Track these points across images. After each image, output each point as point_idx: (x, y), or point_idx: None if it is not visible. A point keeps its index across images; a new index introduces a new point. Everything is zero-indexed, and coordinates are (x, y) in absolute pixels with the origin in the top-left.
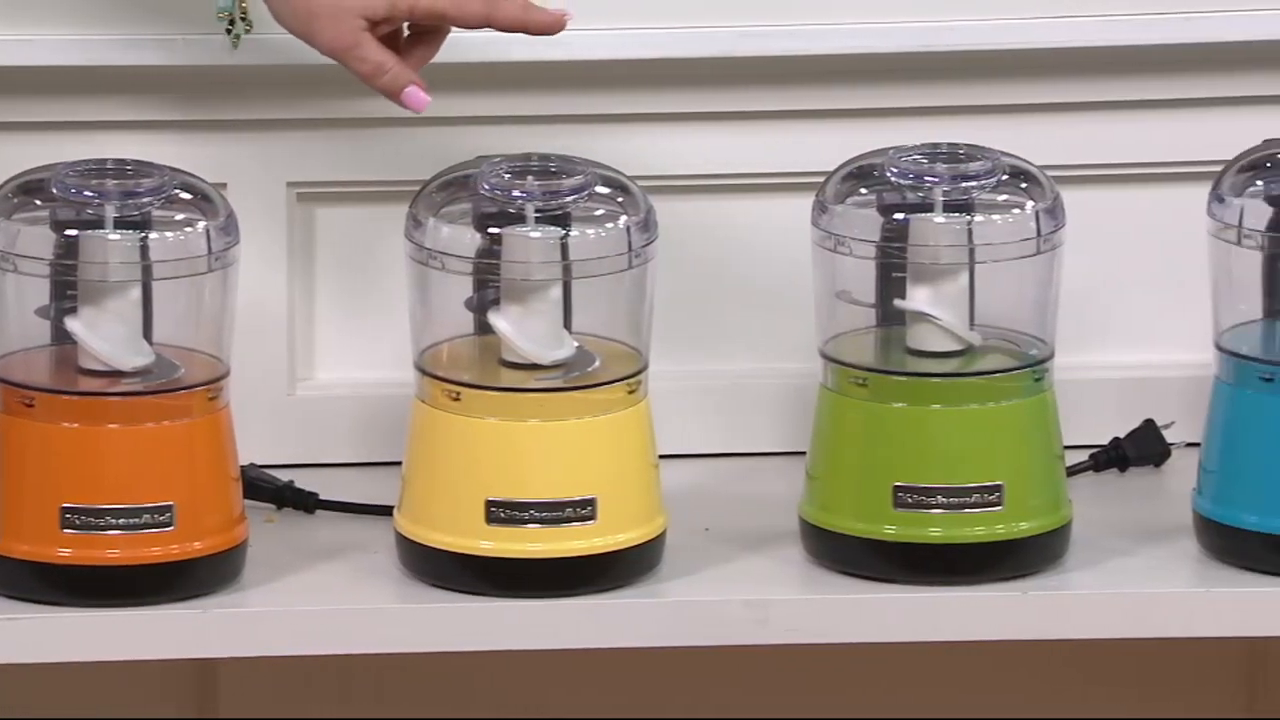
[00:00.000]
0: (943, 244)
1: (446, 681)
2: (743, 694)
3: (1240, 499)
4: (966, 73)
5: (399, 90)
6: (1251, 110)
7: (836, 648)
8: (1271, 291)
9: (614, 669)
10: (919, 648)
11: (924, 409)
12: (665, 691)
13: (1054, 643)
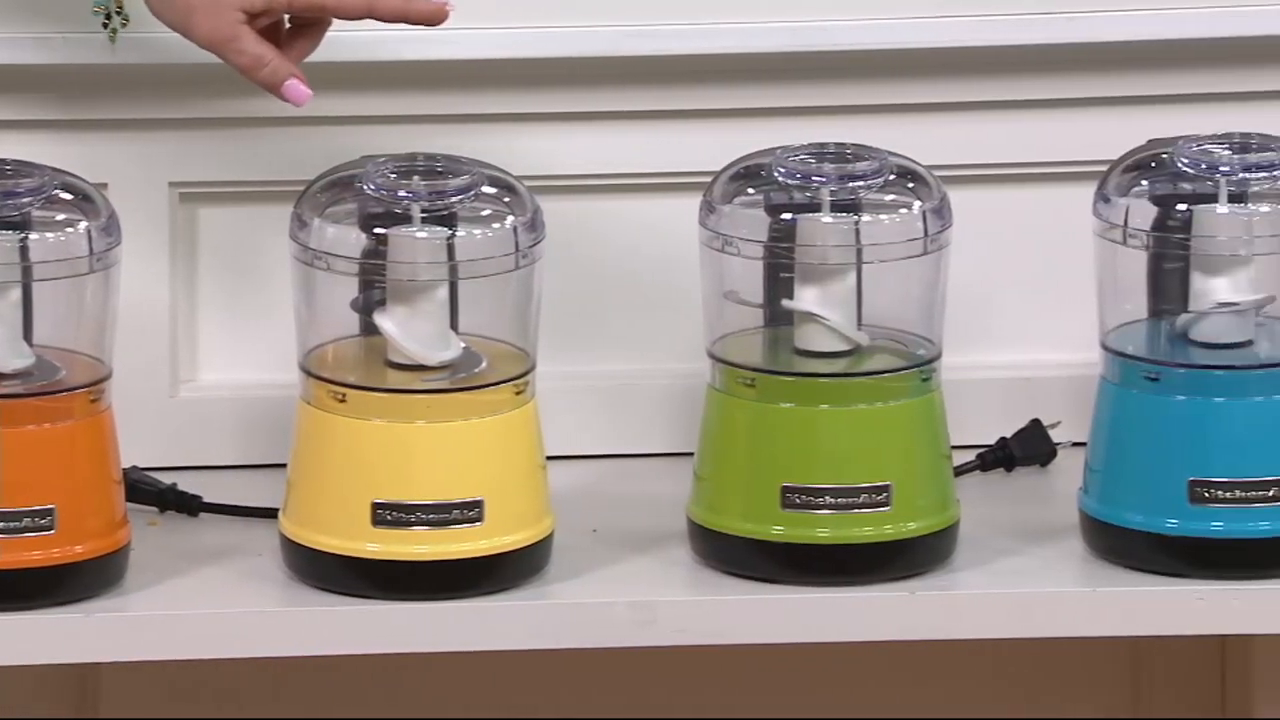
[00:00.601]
0: (830, 244)
1: (332, 682)
2: (629, 695)
3: (1126, 498)
4: (853, 72)
5: (279, 84)
6: (1136, 110)
7: (725, 649)
8: (1156, 291)
9: (503, 670)
10: (807, 648)
11: (812, 409)
12: (553, 692)
13: (942, 643)
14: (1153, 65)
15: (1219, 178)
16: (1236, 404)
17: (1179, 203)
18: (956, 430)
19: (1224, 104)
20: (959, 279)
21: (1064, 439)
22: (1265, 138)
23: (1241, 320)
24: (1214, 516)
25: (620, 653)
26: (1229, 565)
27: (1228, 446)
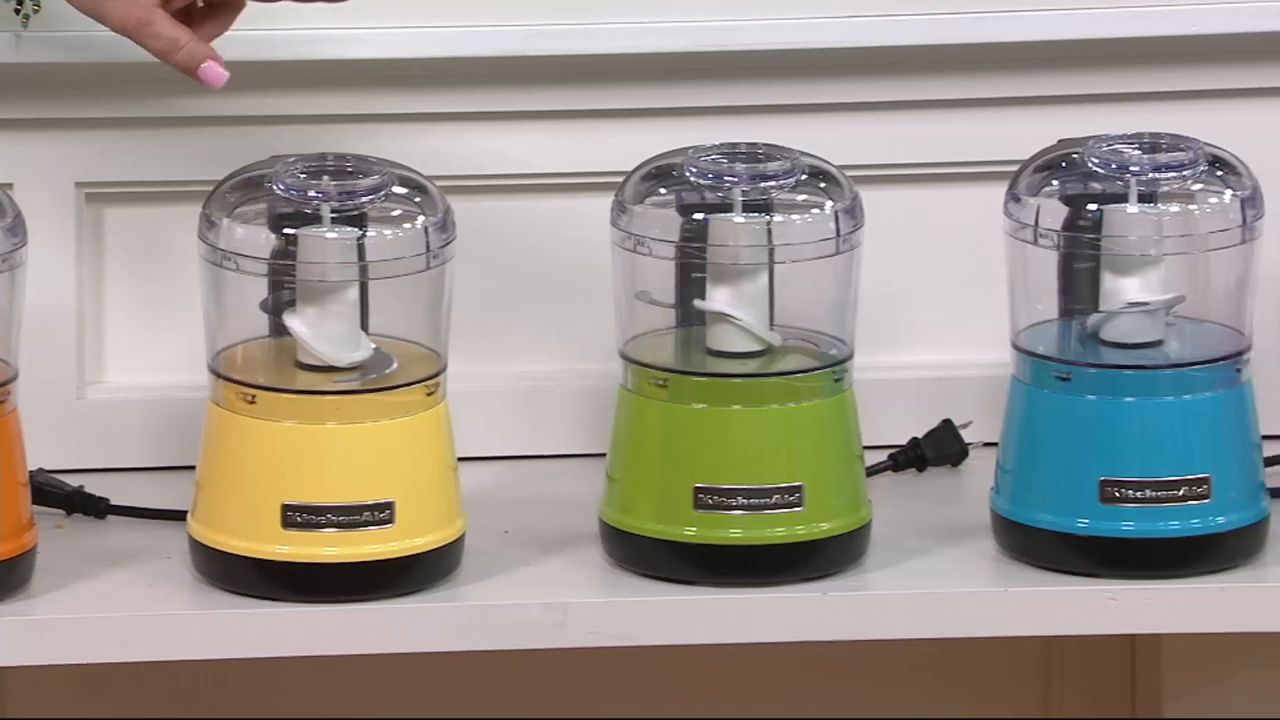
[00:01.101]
0: (742, 244)
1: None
2: (542, 695)
3: (1037, 498)
4: (765, 72)
5: (195, 66)
6: (1046, 110)
7: (638, 650)
8: (1067, 291)
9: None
10: (720, 649)
11: (724, 409)
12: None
13: (854, 643)
14: (1063, 65)
15: (1129, 178)
16: (1147, 404)
17: (1089, 202)
18: (869, 430)
19: (1134, 104)
20: (871, 279)
21: (975, 439)
22: (1175, 138)
23: (1152, 320)
24: (1124, 516)
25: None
26: (1139, 565)
27: (1138, 446)
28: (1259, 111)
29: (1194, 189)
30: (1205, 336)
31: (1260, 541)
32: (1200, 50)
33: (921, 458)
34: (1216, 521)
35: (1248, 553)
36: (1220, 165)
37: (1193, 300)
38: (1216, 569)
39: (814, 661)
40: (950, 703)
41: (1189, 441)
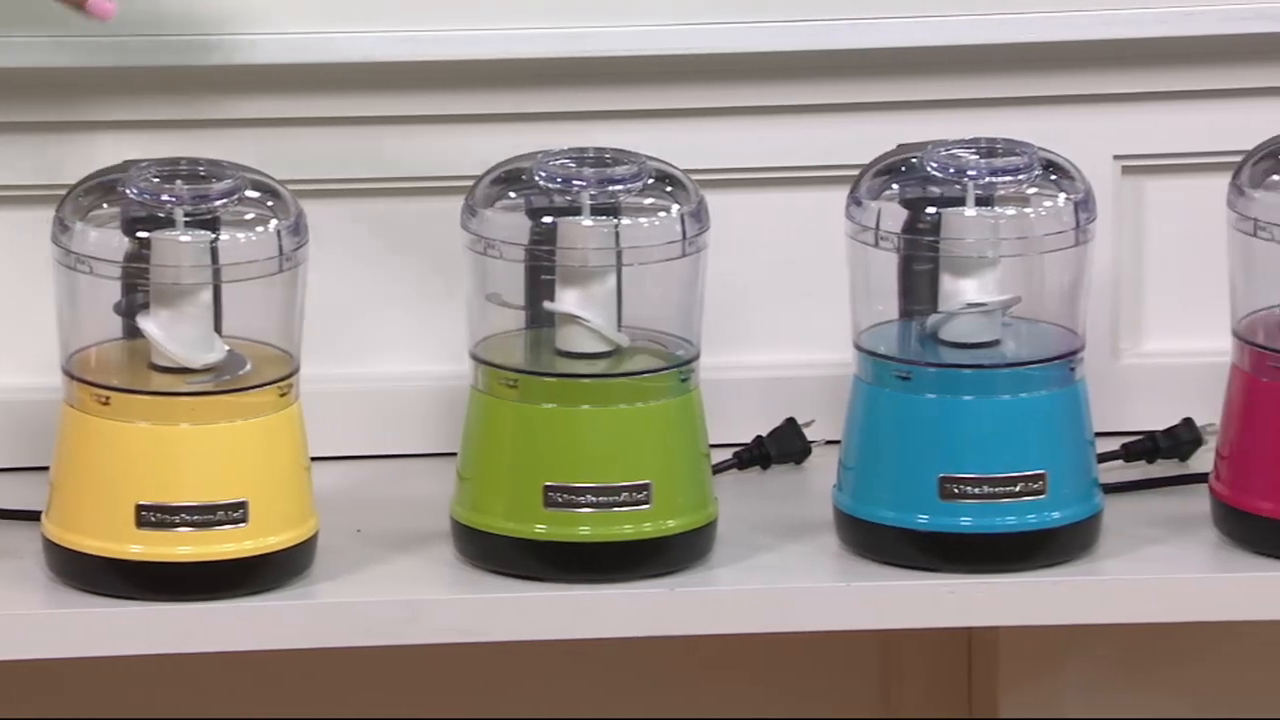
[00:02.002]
0: (590, 247)
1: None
2: (396, 693)
3: (878, 495)
4: (612, 78)
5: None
6: (887, 115)
7: (490, 646)
8: (907, 292)
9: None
10: (571, 644)
11: (573, 409)
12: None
13: (700, 638)
14: (904, 71)
15: (967, 181)
16: (984, 402)
17: (928, 206)
18: (714, 429)
19: (972, 110)
20: (717, 281)
21: (818, 437)
22: (1011, 142)
23: (989, 320)
24: (963, 512)
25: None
26: (977, 559)
27: (976, 443)
28: (1089, 117)
29: (1029, 193)
30: (1040, 336)
31: (1094, 536)
32: (1036, 57)
33: (766, 456)
34: (1052, 517)
35: (1082, 547)
36: (1054, 169)
37: (1028, 301)
38: (1052, 563)
39: (662, 657)
40: (790, 696)
41: (1025, 439)
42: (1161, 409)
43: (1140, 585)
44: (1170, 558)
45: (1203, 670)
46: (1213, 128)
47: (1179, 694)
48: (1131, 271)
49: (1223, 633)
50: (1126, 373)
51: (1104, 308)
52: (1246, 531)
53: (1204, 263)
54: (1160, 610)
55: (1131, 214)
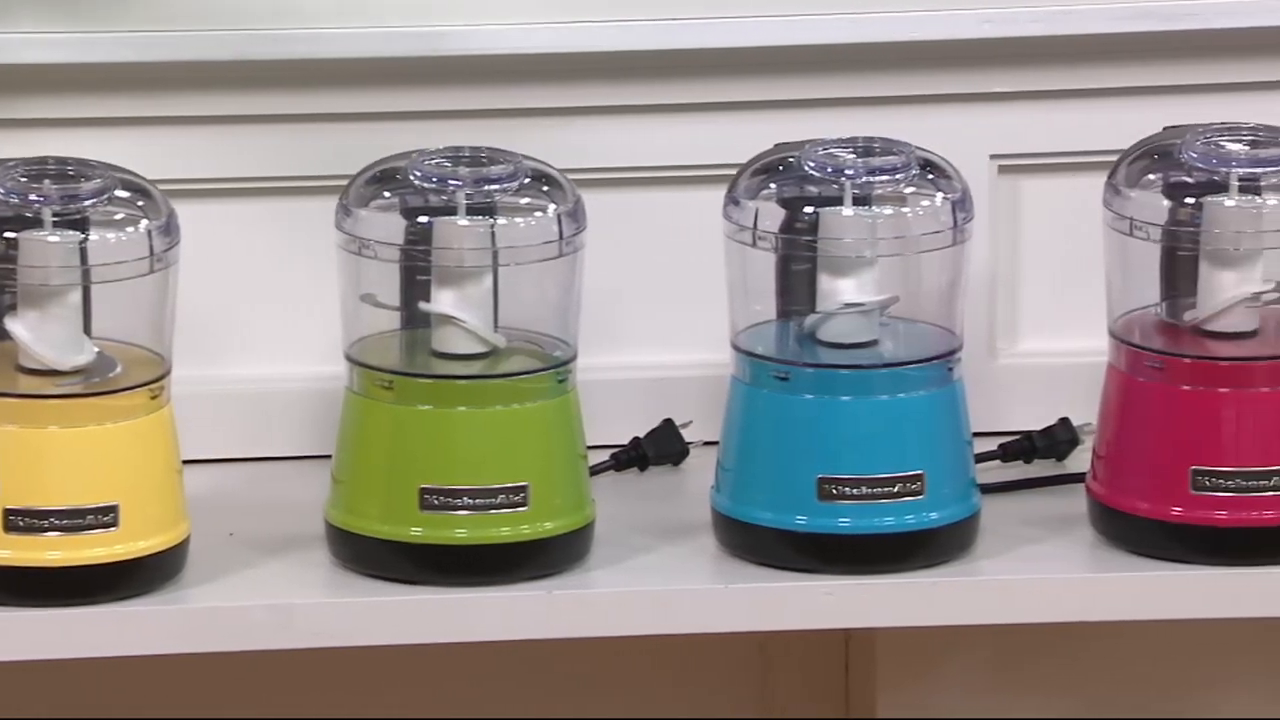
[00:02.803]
0: (466, 247)
1: None
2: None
3: (756, 496)
4: (485, 76)
5: None
6: (764, 114)
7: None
8: (785, 292)
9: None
10: (453, 648)
11: (449, 411)
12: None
13: (579, 641)
14: (781, 70)
15: (844, 181)
16: (862, 402)
17: (805, 205)
18: (591, 430)
19: (849, 108)
20: (594, 281)
21: (696, 438)
22: (888, 141)
23: (867, 320)
24: (841, 513)
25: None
26: (856, 560)
27: (854, 444)
28: (966, 116)
29: (907, 192)
30: (918, 336)
31: (971, 536)
32: (914, 55)
33: (643, 457)
34: (930, 517)
35: (960, 547)
36: (931, 169)
37: (906, 301)
38: (930, 564)
39: (540, 657)
40: (669, 698)
41: (903, 439)
42: (1038, 409)
43: (1018, 586)
44: (1048, 558)
45: (1081, 670)
46: (1088, 127)
47: (1057, 694)
48: (1008, 271)
49: (1101, 632)
50: (1003, 373)
51: (981, 307)
52: (1123, 531)
53: (1080, 262)
54: (1038, 611)
55: (1008, 213)
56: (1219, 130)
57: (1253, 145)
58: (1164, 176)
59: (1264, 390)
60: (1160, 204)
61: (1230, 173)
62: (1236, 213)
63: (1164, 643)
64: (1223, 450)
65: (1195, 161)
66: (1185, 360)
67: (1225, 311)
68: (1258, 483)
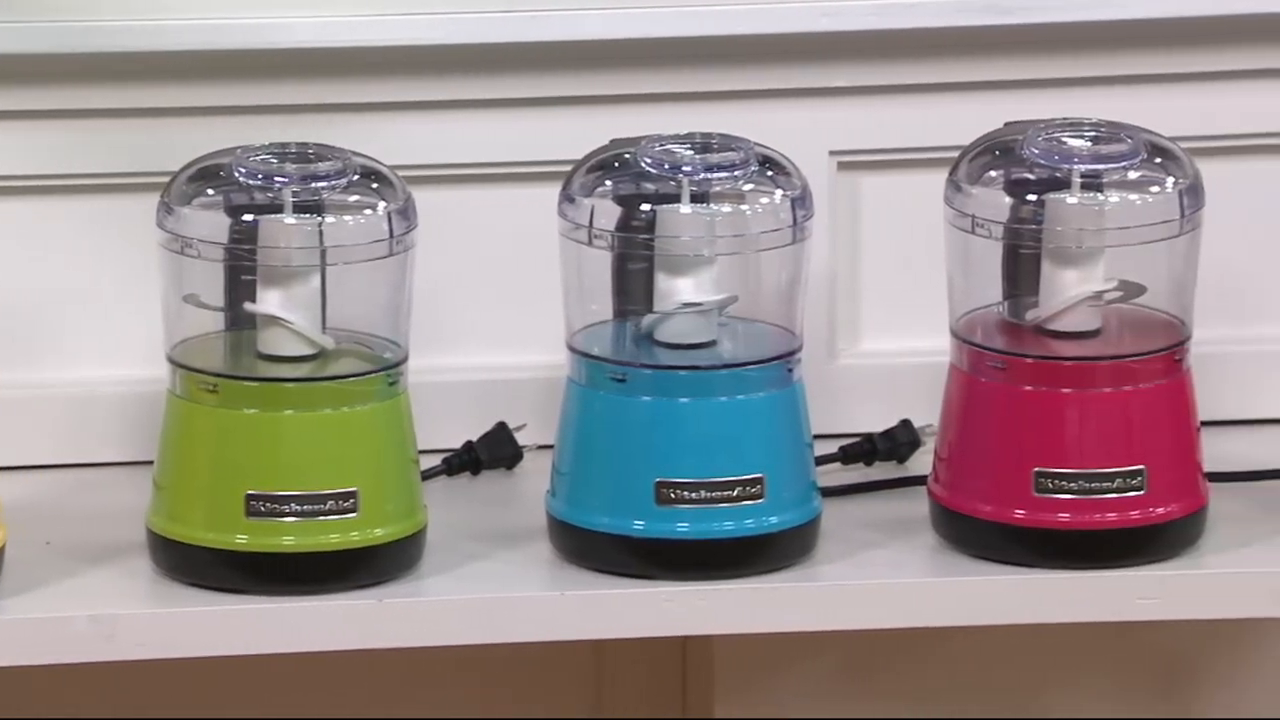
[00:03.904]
0: (293, 246)
1: None
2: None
3: (593, 500)
4: (311, 71)
5: None
6: (599, 109)
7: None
8: (621, 291)
9: None
10: (275, 659)
11: (276, 415)
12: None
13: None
14: (616, 64)
15: (682, 178)
16: (701, 404)
17: (643, 203)
18: (423, 434)
19: (686, 104)
20: (425, 280)
21: (530, 441)
22: (726, 138)
23: (705, 320)
24: (680, 517)
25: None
26: (695, 566)
27: (692, 447)
28: (805, 112)
29: (745, 189)
30: (757, 336)
31: (812, 540)
32: (751, 50)
33: (476, 461)
34: (770, 521)
35: (800, 552)
36: (770, 165)
37: (745, 300)
38: (770, 569)
39: (371, 661)
40: (501, 700)
41: (742, 441)
42: (879, 410)
43: (859, 591)
44: (889, 562)
45: (923, 674)
46: (929, 123)
47: (898, 698)
48: (848, 270)
49: (943, 636)
50: (844, 373)
51: (821, 307)
52: (965, 534)
53: (922, 260)
54: (879, 616)
55: (848, 211)
56: (1061, 126)
57: (1095, 141)
58: (1005, 173)
59: (1106, 390)
60: (1002, 201)
61: (1072, 169)
62: (1079, 210)
63: (1006, 646)
64: (1065, 451)
65: (1037, 158)
66: (1028, 360)
67: (1068, 310)
68: (1100, 484)
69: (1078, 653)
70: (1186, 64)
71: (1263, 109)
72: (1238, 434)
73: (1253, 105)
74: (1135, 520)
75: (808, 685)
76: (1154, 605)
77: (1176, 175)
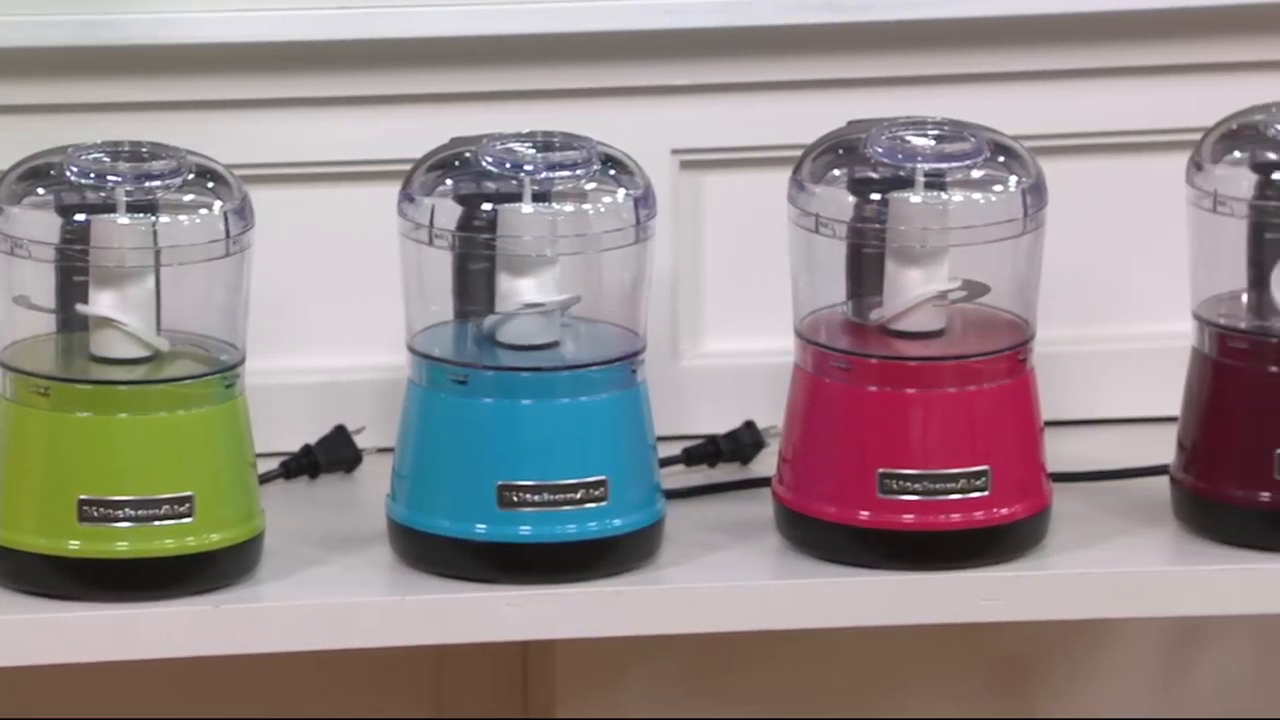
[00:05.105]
0: (126, 246)
1: None
2: None
3: (434, 504)
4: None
5: None
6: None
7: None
8: (462, 292)
9: None
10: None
11: (109, 418)
12: None
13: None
14: (457, 62)
15: (523, 177)
16: (543, 406)
17: (484, 202)
18: (260, 437)
19: (528, 102)
20: (262, 281)
21: (370, 444)
22: (568, 136)
23: (548, 321)
24: (522, 521)
25: None
26: (537, 570)
27: (535, 449)
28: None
29: (588, 188)
30: (600, 337)
31: (656, 543)
32: (592, 47)
33: (314, 464)
34: (613, 524)
35: (644, 555)
36: (613, 164)
37: (588, 301)
38: (614, 572)
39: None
40: (342, 708)
41: (586, 444)
42: (723, 412)
43: (703, 593)
44: (733, 564)
45: (767, 676)
46: (772, 121)
47: (742, 701)
48: (691, 270)
49: (788, 639)
50: (687, 374)
51: (663, 307)
52: (809, 536)
53: (765, 260)
54: (723, 619)
55: (690, 210)
56: (904, 125)
57: (938, 140)
58: (849, 172)
59: (950, 391)
60: (845, 200)
61: (916, 168)
62: (922, 209)
63: (851, 647)
64: (910, 452)
65: (880, 157)
66: (871, 360)
67: (912, 310)
68: (945, 485)
69: (922, 654)
70: (1029, 62)
71: (1105, 108)
72: (1081, 434)
73: (1095, 104)
74: (979, 521)
75: (650, 688)
76: (998, 606)
77: (1019, 174)
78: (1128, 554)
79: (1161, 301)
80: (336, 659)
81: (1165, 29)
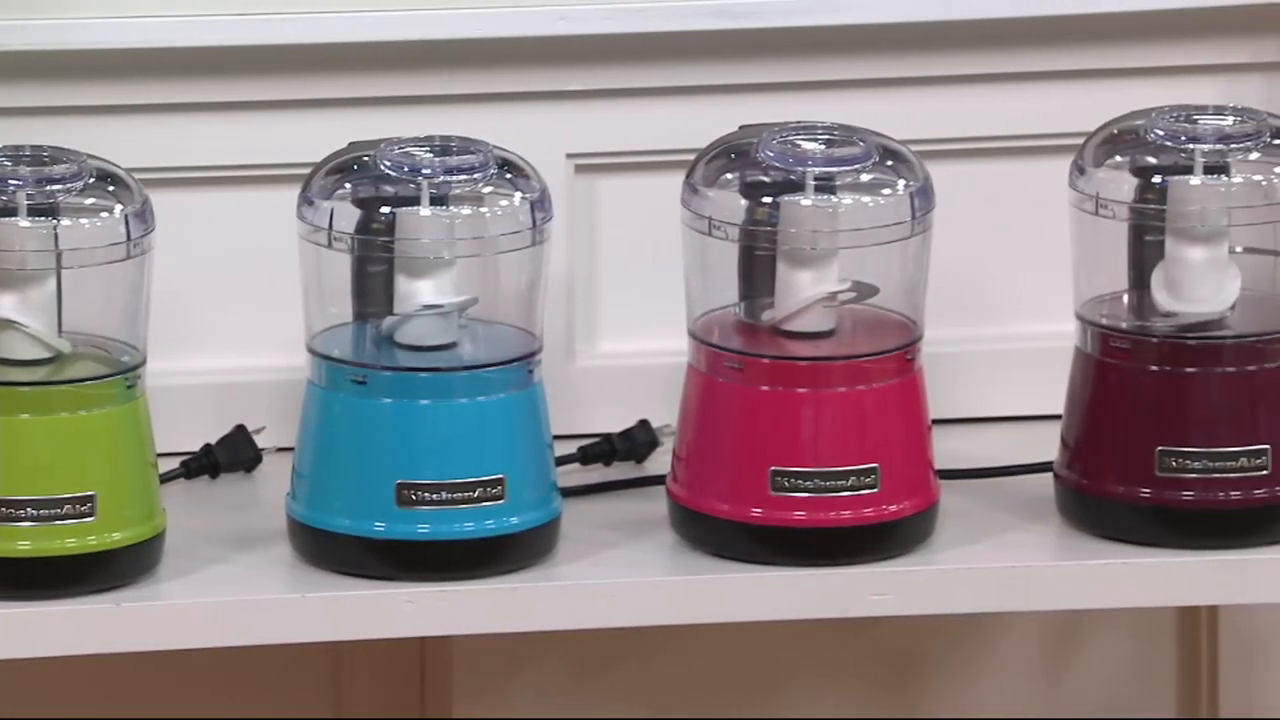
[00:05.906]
0: (28, 249)
1: None
2: None
3: (334, 502)
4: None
5: None
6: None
7: None
8: (361, 294)
9: None
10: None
11: (12, 419)
12: None
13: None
14: (354, 67)
15: (421, 181)
16: (441, 406)
17: (382, 205)
18: (161, 437)
19: (425, 107)
20: (163, 283)
21: (269, 444)
22: (465, 141)
23: (446, 322)
24: (421, 519)
25: None
26: (436, 567)
27: (433, 449)
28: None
29: (485, 192)
30: (498, 338)
31: (552, 540)
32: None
33: (215, 464)
34: (510, 522)
35: (541, 552)
36: (509, 168)
37: (485, 302)
38: (511, 569)
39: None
40: (241, 706)
41: (483, 443)
42: (618, 411)
43: (599, 590)
44: (628, 561)
45: (661, 673)
46: (665, 125)
47: (637, 698)
48: (586, 272)
49: (681, 635)
50: (582, 374)
51: (559, 309)
52: (704, 533)
53: (659, 262)
54: (619, 615)
55: (585, 213)
56: (794, 129)
57: (828, 145)
58: (741, 176)
59: (841, 390)
60: (738, 203)
61: (806, 172)
62: (812, 212)
63: (744, 643)
64: (801, 451)
65: (771, 160)
66: (764, 360)
67: (802, 311)
68: (835, 483)
69: (813, 649)
70: (918, 68)
71: (991, 113)
72: (967, 432)
73: (981, 109)
74: (869, 518)
75: (546, 684)
76: (887, 601)
77: (908, 178)
78: (1013, 549)
79: (1045, 302)
80: (237, 657)
81: (1050, 36)
